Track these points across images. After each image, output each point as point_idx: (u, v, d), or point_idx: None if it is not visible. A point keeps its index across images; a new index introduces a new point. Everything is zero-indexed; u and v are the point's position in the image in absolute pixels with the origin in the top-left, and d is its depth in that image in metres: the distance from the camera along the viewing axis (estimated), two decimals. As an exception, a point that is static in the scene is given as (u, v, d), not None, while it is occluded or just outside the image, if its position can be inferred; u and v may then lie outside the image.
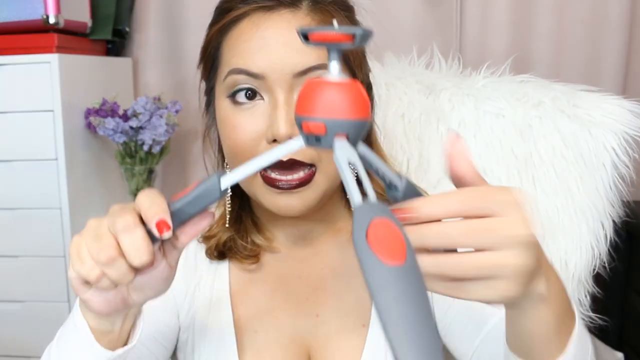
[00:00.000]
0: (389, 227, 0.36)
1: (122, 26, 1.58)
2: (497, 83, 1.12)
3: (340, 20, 0.68)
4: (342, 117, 0.42)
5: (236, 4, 0.67)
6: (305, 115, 0.42)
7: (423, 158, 1.10)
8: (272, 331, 0.73)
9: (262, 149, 0.65)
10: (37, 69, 1.26)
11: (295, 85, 0.64)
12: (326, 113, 0.41)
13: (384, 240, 0.35)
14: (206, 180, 0.46)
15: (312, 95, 0.42)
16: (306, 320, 0.74)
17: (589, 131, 1.04)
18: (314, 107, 0.42)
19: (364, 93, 0.43)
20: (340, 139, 0.42)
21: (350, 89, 0.42)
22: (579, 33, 1.54)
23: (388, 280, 0.34)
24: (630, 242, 1.37)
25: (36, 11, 1.29)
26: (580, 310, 1.09)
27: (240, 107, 0.66)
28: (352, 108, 0.42)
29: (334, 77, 0.42)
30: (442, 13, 1.57)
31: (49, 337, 0.68)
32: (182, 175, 1.66)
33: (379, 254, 0.34)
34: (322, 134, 0.42)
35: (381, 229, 0.35)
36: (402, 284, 0.34)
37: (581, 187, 1.04)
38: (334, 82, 0.42)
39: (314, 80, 0.43)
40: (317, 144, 0.43)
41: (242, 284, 0.76)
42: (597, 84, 1.19)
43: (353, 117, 0.42)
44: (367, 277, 0.34)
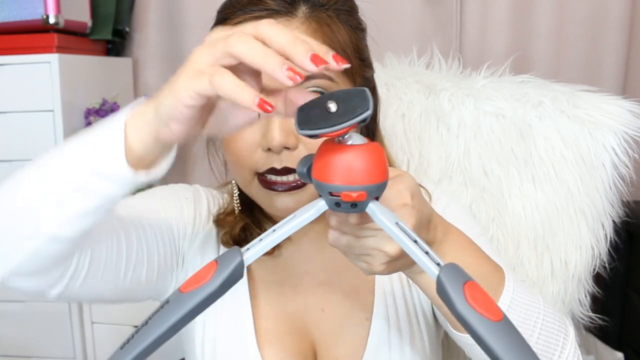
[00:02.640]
0: (477, 289, 0.40)
1: (122, 26, 1.58)
2: (497, 83, 1.12)
3: (337, 26, 0.67)
4: (379, 182, 0.44)
5: (234, 12, 0.67)
6: (342, 184, 0.43)
7: (423, 158, 1.10)
8: (282, 321, 0.74)
9: (258, 157, 0.65)
10: (37, 69, 1.26)
11: None
12: (366, 180, 0.43)
13: (481, 301, 0.40)
14: (227, 263, 0.42)
15: (345, 162, 0.43)
16: (312, 315, 0.75)
17: (589, 131, 1.04)
18: (353, 175, 0.43)
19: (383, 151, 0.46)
20: (374, 202, 0.45)
21: (378, 151, 0.45)
22: (579, 33, 1.54)
23: (502, 333, 0.39)
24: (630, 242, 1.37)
25: (36, 11, 1.29)
26: (580, 310, 1.09)
27: None
28: (385, 170, 0.45)
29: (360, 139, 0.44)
30: (442, 13, 1.57)
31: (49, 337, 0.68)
32: (182, 175, 1.66)
33: (485, 314, 0.39)
34: (362, 200, 0.44)
35: (474, 292, 0.40)
36: (512, 333, 0.39)
37: (581, 187, 1.04)
38: (367, 145, 0.44)
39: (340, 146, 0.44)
40: (350, 210, 0.45)
41: (257, 271, 0.77)
42: (597, 84, 1.19)
43: (384, 179, 0.45)
44: (481, 336, 0.39)
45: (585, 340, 1.33)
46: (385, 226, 0.45)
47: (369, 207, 0.45)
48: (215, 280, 0.41)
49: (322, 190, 0.45)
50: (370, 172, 0.44)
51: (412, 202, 0.52)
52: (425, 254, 0.43)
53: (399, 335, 0.73)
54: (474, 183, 1.07)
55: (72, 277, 0.59)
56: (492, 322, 0.39)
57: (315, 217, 0.46)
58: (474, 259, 0.59)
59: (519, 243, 1.06)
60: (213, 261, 0.43)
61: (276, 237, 0.45)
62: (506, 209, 1.06)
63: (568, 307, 1.08)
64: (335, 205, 0.45)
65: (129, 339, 0.41)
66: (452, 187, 1.08)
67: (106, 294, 0.66)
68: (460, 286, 0.40)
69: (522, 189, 1.05)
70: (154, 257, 0.70)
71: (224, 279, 0.41)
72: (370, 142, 0.45)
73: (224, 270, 0.41)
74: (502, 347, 0.38)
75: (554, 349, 0.60)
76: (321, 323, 0.75)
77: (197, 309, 0.41)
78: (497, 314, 0.40)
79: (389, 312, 0.74)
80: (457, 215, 0.75)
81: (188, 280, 0.42)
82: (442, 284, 0.41)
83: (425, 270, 0.43)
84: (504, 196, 1.06)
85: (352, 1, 0.73)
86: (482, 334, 0.39)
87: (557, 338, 0.60)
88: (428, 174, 1.09)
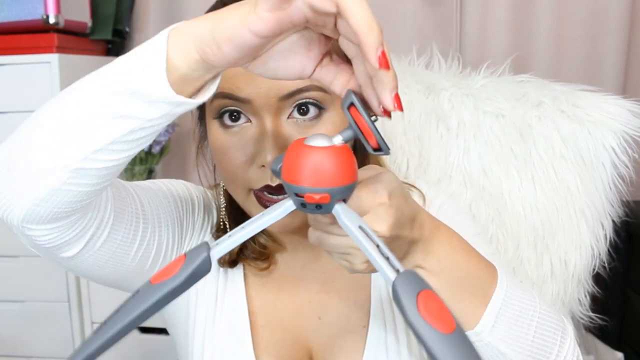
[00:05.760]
0: (433, 298, 0.40)
1: (122, 26, 1.58)
2: (497, 83, 1.12)
3: None
4: (344, 184, 0.44)
5: None
6: (307, 186, 0.43)
7: (423, 158, 1.10)
8: (278, 330, 0.74)
9: (252, 173, 0.64)
10: (37, 69, 1.26)
11: (283, 107, 0.63)
12: (330, 182, 0.44)
13: (434, 312, 0.39)
14: (194, 257, 0.43)
15: (310, 163, 0.44)
16: (309, 322, 0.74)
17: (589, 131, 1.04)
18: (317, 177, 0.43)
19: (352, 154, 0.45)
20: (341, 204, 0.45)
21: (346, 153, 0.44)
22: (579, 33, 1.54)
23: (451, 346, 0.38)
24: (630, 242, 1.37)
25: (36, 11, 1.29)
26: (580, 310, 1.09)
27: (229, 130, 0.65)
28: (352, 172, 0.45)
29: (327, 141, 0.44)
30: (442, 13, 1.57)
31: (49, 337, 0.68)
32: (182, 175, 1.66)
33: (435, 325, 0.39)
34: (326, 202, 0.44)
35: (428, 301, 0.40)
36: (462, 346, 0.39)
37: (581, 187, 1.04)
38: (328, 147, 0.44)
39: (306, 147, 0.44)
40: (316, 211, 0.45)
41: (254, 281, 0.77)
42: (597, 84, 1.19)
43: (351, 181, 0.45)
44: (430, 347, 0.38)
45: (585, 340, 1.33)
46: (347, 229, 0.45)
47: (334, 209, 0.45)
48: (181, 274, 0.42)
49: (288, 190, 0.45)
50: (334, 175, 0.44)
51: (389, 201, 0.51)
52: (385, 260, 0.43)
53: (396, 341, 0.73)
54: (474, 183, 1.07)
55: (92, 237, 0.58)
56: (442, 334, 0.38)
57: (282, 216, 0.46)
58: (464, 258, 0.58)
59: (519, 243, 1.06)
60: (182, 255, 0.44)
61: (244, 233, 0.45)
62: (506, 208, 1.06)
63: (568, 307, 1.08)
64: (301, 205, 0.45)
65: (102, 325, 0.43)
66: (452, 187, 1.08)
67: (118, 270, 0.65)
68: (414, 295, 0.40)
69: (522, 188, 1.06)
70: (161, 249, 0.70)
71: (190, 273, 0.42)
72: (335, 145, 0.45)
73: (190, 264, 0.42)
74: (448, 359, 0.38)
75: (552, 348, 0.60)
76: (318, 331, 0.74)
77: (164, 301, 0.42)
78: (450, 326, 0.39)
79: (385, 318, 0.73)
80: (452, 215, 0.75)
81: (159, 272, 0.43)
82: (396, 291, 0.40)
83: (382, 275, 0.43)
84: (504, 196, 1.06)
85: None
86: (431, 345, 0.38)
87: (554, 337, 0.60)
88: (428, 174, 1.09)
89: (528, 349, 0.58)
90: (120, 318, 0.42)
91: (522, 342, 0.58)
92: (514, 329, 0.58)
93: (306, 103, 0.63)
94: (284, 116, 0.63)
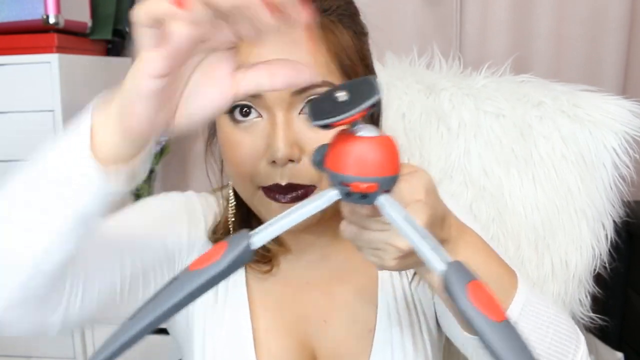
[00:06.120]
0: (482, 288, 0.41)
1: (122, 26, 1.58)
2: (497, 83, 1.12)
3: (340, 32, 0.66)
4: (390, 175, 0.45)
5: None
6: (355, 175, 0.43)
7: (423, 158, 1.10)
8: (282, 334, 0.73)
9: (262, 168, 0.64)
10: (37, 69, 1.26)
11: (294, 103, 0.63)
12: (378, 172, 0.44)
13: (484, 301, 0.40)
14: (235, 243, 0.42)
15: (359, 152, 0.44)
16: (314, 326, 0.74)
17: (589, 131, 1.04)
18: (365, 166, 0.44)
19: None
20: (385, 195, 0.45)
21: (392, 144, 0.45)
22: (579, 33, 1.54)
23: (503, 334, 0.39)
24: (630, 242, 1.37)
25: (36, 11, 1.29)
26: (580, 310, 1.09)
27: (239, 125, 0.65)
28: (397, 164, 0.45)
29: (374, 131, 0.44)
30: (442, 13, 1.57)
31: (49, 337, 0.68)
32: (182, 175, 1.66)
33: (488, 314, 0.39)
34: (372, 192, 0.44)
35: (478, 291, 0.41)
36: (514, 334, 0.40)
37: (581, 187, 1.04)
38: (380, 138, 0.44)
39: (356, 137, 0.44)
40: (360, 201, 0.45)
41: (256, 284, 0.75)
42: (597, 84, 1.18)
43: (395, 172, 0.45)
44: (484, 335, 0.39)
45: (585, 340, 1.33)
46: (393, 219, 0.45)
47: (378, 200, 0.45)
48: (222, 261, 0.41)
49: (334, 180, 0.45)
50: (381, 165, 0.44)
51: (425, 199, 0.51)
52: (433, 251, 0.43)
53: (402, 345, 0.72)
54: (474, 183, 1.07)
55: (69, 299, 0.56)
56: (494, 322, 0.39)
57: (325, 206, 0.46)
58: (487, 261, 0.59)
59: (519, 243, 1.05)
60: (223, 241, 0.43)
61: (285, 222, 0.45)
62: (506, 208, 1.06)
63: (568, 307, 1.08)
64: (346, 195, 0.45)
65: (136, 312, 0.42)
66: (452, 187, 1.08)
67: (108, 314, 0.63)
68: (464, 284, 0.40)
69: (523, 189, 1.05)
70: (149, 275, 0.68)
71: (231, 260, 0.42)
72: (383, 135, 0.45)
73: (232, 251, 0.42)
74: (503, 347, 0.39)
75: (566, 356, 0.60)
76: (323, 334, 0.73)
77: (204, 288, 0.41)
78: (499, 315, 0.40)
79: (392, 322, 0.73)
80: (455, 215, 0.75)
81: (197, 259, 0.42)
82: (447, 281, 0.41)
83: (430, 267, 0.43)
84: (504, 196, 1.06)
85: (354, 5, 0.71)
86: (485, 332, 0.39)
87: (568, 345, 0.60)
88: (428, 174, 1.09)
89: (544, 356, 0.58)
90: (157, 305, 0.41)
91: (538, 349, 0.58)
92: (531, 335, 0.57)
93: (315, 98, 0.63)
94: (296, 111, 0.63)
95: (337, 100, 0.43)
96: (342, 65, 0.65)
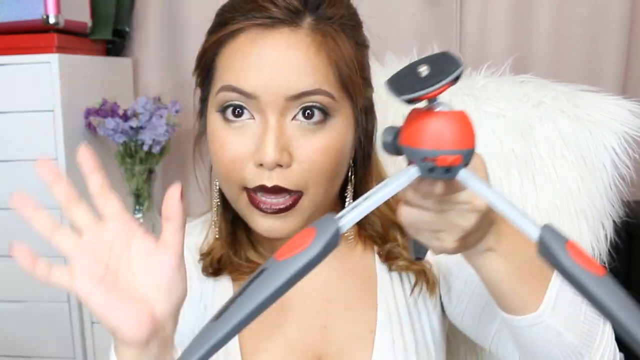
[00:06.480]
0: (576, 246, 0.42)
1: (122, 26, 1.58)
2: (497, 83, 1.12)
3: (342, 41, 0.65)
4: (472, 147, 0.45)
5: (236, 17, 0.64)
6: (440, 148, 0.43)
7: (423, 158, 1.10)
8: (282, 347, 0.72)
9: (248, 171, 0.63)
10: (37, 69, 1.26)
11: (289, 108, 0.62)
12: (462, 144, 0.44)
13: (583, 258, 0.41)
14: (324, 228, 0.41)
15: (442, 126, 0.44)
16: (313, 333, 0.73)
17: (590, 131, 1.04)
18: (449, 139, 0.43)
19: None
20: (465, 169, 0.45)
21: (467, 118, 0.45)
22: (579, 33, 1.54)
23: (608, 287, 0.40)
24: (630, 242, 1.37)
25: (36, 11, 1.29)
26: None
27: (230, 124, 0.64)
28: (473, 137, 0.45)
29: (448, 107, 0.45)
30: (442, 13, 1.57)
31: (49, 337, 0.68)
32: (182, 175, 1.66)
33: (591, 270, 0.40)
34: (457, 165, 0.44)
35: (576, 250, 0.41)
36: (617, 287, 0.41)
37: (581, 187, 1.04)
38: (458, 112, 0.45)
39: (435, 112, 0.45)
40: (444, 175, 0.44)
41: None
42: (597, 84, 1.18)
43: (474, 145, 0.45)
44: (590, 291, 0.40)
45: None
46: (479, 190, 0.45)
47: (460, 174, 0.45)
48: (314, 246, 0.40)
49: (415, 156, 0.44)
50: (464, 137, 0.44)
51: (487, 175, 0.53)
52: (524, 217, 0.44)
53: (404, 348, 0.72)
54: (474, 183, 1.07)
55: None
56: (599, 277, 0.40)
57: (407, 184, 0.45)
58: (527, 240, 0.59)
59: (519, 243, 1.05)
60: (310, 228, 0.42)
61: (370, 204, 0.44)
62: (506, 209, 1.06)
63: (568, 307, 1.08)
64: (428, 171, 0.44)
65: (222, 310, 0.40)
66: (452, 187, 1.08)
67: None
68: (563, 244, 0.41)
69: (523, 189, 1.05)
70: None
71: (324, 245, 0.41)
72: (459, 110, 0.45)
73: (322, 236, 0.41)
74: (610, 300, 0.40)
75: (596, 331, 0.61)
76: (323, 340, 0.72)
77: (297, 276, 0.40)
78: (600, 269, 0.41)
79: (392, 322, 0.72)
80: None
81: (283, 248, 0.41)
82: (546, 244, 0.42)
83: (524, 231, 0.43)
84: (504, 196, 1.06)
85: (357, 17, 0.71)
86: (591, 288, 0.40)
87: (598, 319, 0.61)
88: (428, 174, 1.09)
89: (579, 329, 0.59)
90: (248, 299, 0.39)
91: (576, 322, 0.59)
92: (570, 309, 0.58)
93: (312, 107, 0.62)
94: (289, 117, 0.63)
95: (420, 75, 0.43)
96: (340, 74, 0.64)
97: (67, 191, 0.53)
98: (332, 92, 0.63)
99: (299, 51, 0.62)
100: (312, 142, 0.63)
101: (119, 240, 0.52)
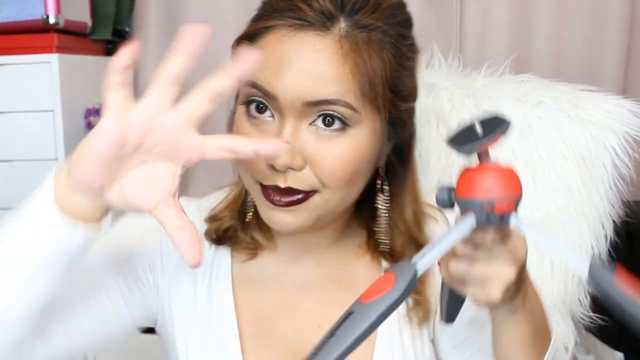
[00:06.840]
0: (623, 272, 0.46)
1: (122, 26, 1.58)
2: (497, 83, 1.12)
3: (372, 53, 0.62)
4: (520, 194, 0.49)
5: (271, 14, 0.63)
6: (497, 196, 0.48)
7: (423, 158, 1.10)
8: (274, 340, 0.72)
9: (261, 168, 0.62)
10: (37, 69, 1.26)
11: (307, 113, 0.61)
12: (513, 191, 0.49)
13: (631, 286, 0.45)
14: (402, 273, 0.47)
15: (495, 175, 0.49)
16: (308, 332, 0.72)
17: (590, 131, 1.04)
18: (503, 187, 0.48)
19: None
20: (515, 214, 0.49)
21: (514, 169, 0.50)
22: (579, 33, 1.54)
23: None
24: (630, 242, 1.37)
25: (36, 11, 1.29)
26: (580, 310, 1.09)
27: (252, 120, 0.64)
28: (521, 185, 0.50)
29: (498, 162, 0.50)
30: (442, 13, 1.57)
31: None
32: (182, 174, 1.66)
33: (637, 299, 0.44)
34: (512, 211, 0.49)
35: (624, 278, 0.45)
36: None
37: (581, 187, 1.04)
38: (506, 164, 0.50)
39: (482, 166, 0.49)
40: (499, 223, 0.49)
41: (244, 285, 0.74)
42: (597, 83, 1.18)
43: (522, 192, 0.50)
44: None
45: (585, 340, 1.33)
46: (533, 233, 0.49)
47: (512, 220, 0.49)
48: (396, 289, 0.45)
49: (473, 206, 0.49)
50: (514, 185, 0.49)
51: None
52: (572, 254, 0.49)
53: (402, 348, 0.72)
54: (474, 183, 1.07)
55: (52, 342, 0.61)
56: None
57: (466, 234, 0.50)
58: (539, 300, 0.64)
59: (519, 243, 1.05)
60: (389, 273, 0.47)
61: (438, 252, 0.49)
62: (506, 209, 1.06)
63: (568, 307, 1.08)
64: (485, 219, 0.48)
65: (314, 352, 0.44)
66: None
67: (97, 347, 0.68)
68: (612, 276, 0.46)
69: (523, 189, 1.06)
70: (121, 309, 0.69)
71: (404, 288, 0.46)
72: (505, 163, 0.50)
73: (402, 279, 0.46)
74: None
75: None
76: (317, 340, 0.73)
77: (382, 317, 0.45)
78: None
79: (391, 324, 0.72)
80: None
81: (368, 291, 0.46)
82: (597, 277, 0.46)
83: (575, 266, 0.48)
84: (504, 196, 1.06)
85: (400, 27, 0.67)
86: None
87: None
88: (428, 174, 1.09)
89: None
90: (338, 342, 0.44)
91: None
92: None
93: (332, 115, 0.61)
94: (306, 122, 0.62)
95: (475, 132, 0.48)
96: (365, 87, 0.61)
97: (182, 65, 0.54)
98: (354, 103, 0.61)
99: (323, 57, 0.60)
100: (327, 148, 0.62)
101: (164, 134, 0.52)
